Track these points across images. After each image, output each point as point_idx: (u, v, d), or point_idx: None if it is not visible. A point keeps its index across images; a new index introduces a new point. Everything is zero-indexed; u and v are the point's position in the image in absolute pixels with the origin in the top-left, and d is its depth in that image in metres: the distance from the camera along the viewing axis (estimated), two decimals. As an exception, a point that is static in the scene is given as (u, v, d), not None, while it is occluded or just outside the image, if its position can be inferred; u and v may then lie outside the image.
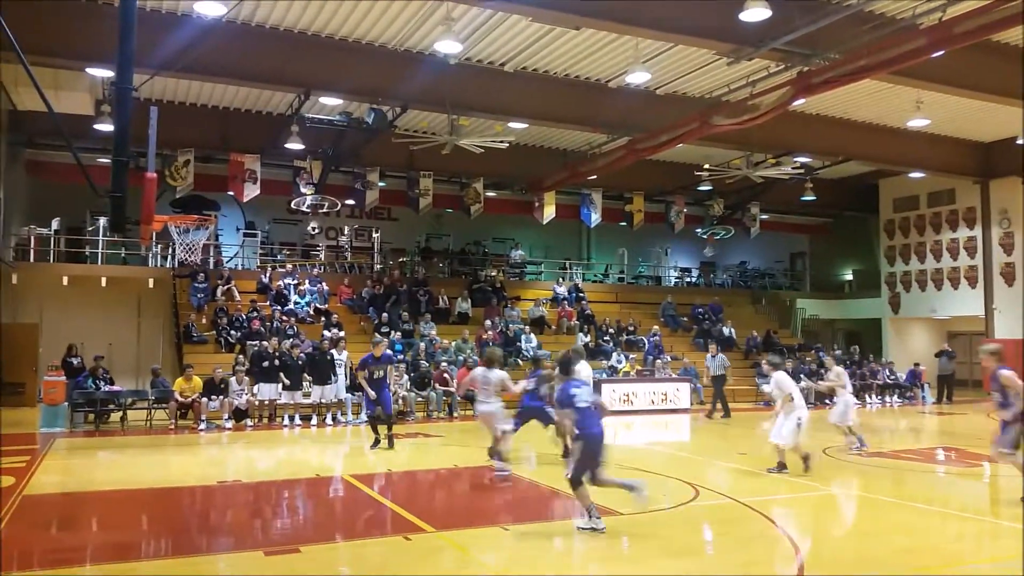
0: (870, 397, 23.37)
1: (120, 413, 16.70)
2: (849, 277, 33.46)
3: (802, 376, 22.16)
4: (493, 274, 26.64)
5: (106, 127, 16.84)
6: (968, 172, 25.65)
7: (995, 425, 9.30)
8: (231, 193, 21.99)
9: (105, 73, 15.41)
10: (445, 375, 19.06)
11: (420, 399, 18.54)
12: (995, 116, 20.63)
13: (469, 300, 24.14)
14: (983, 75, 17.15)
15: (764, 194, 27.10)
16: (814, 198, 26.91)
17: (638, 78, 16.61)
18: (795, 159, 23.48)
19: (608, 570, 6.65)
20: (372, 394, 12.96)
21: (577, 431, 7.48)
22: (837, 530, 8.14)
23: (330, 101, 18.63)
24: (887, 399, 23.48)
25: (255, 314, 20.26)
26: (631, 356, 22.86)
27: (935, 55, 14.43)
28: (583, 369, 10.96)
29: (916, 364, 24.81)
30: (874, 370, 24.25)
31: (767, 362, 11.40)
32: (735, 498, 9.01)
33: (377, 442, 13.04)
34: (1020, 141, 21.27)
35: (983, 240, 26.42)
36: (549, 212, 25.58)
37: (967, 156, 25.21)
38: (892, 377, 24.38)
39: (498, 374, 10.60)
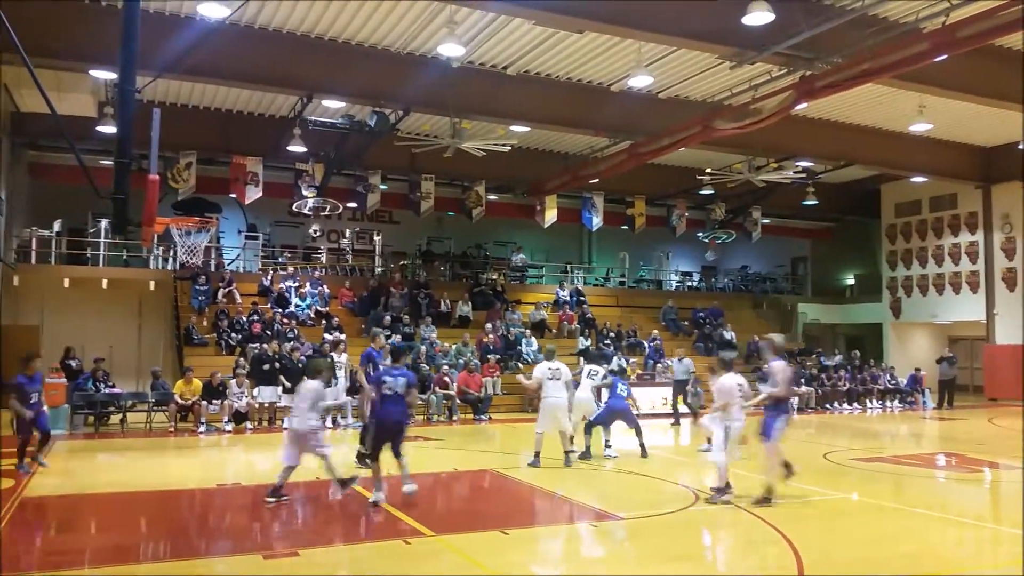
0: (871, 402, 23.33)
1: (120, 415, 16.70)
2: (851, 282, 33.41)
3: (802, 381, 22.23)
4: (494, 277, 26.64)
5: (109, 129, 16.88)
6: (970, 177, 25.63)
7: (995, 430, 9.26)
8: (233, 195, 22.00)
9: (108, 75, 15.42)
10: (445, 378, 19.04)
11: (420, 402, 18.51)
12: (997, 121, 20.62)
13: (470, 303, 24.13)
14: (985, 80, 17.15)
15: (766, 198, 27.09)
16: (816, 202, 26.91)
17: (640, 82, 16.61)
18: (797, 163, 23.48)
19: (608, 573, 6.62)
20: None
21: (371, 414, 8.67)
22: (837, 535, 8.11)
23: (332, 104, 18.64)
24: (888, 404, 23.42)
25: (256, 317, 20.25)
26: (632, 360, 22.84)
27: (938, 59, 14.44)
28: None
29: (917, 369, 24.77)
30: (875, 375, 24.21)
31: (718, 362, 9.80)
32: (735, 503, 8.98)
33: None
34: (1022, 146, 21.24)
35: (985, 245, 26.39)
36: (551, 215, 25.57)
37: (969, 161, 25.19)
38: (893, 382, 24.34)
39: (567, 369, 11.52)
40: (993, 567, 7.11)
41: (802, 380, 22.24)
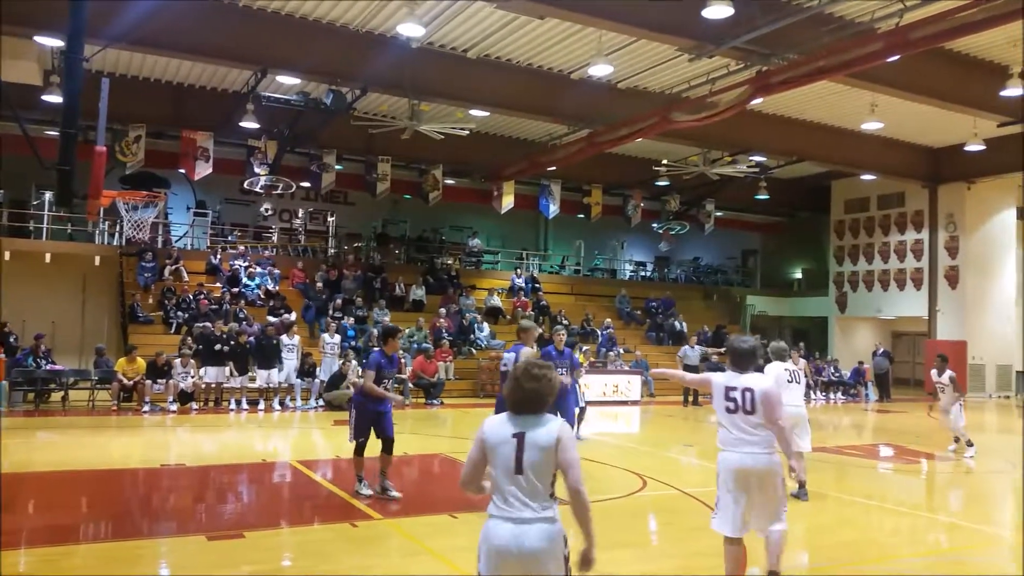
0: (815, 394, 23.86)
1: (61, 393, 16.27)
2: (798, 275, 34.10)
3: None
4: (449, 262, 26.54)
5: (54, 98, 16.34)
6: (918, 176, 26.28)
7: (933, 423, 9.54)
8: (182, 171, 21.51)
9: (55, 43, 14.89)
10: (400, 362, 18.93)
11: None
12: (945, 122, 21.13)
13: (424, 287, 24.01)
14: (936, 82, 17.57)
15: (720, 191, 27.43)
16: (768, 197, 27.34)
17: (600, 71, 16.64)
18: (751, 158, 23.80)
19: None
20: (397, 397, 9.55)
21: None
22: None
23: (288, 80, 18.29)
24: (831, 396, 23.99)
25: (203, 296, 19.88)
26: (585, 348, 22.97)
27: (891, 60, 14.73)
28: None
29: (860, 362, 25.39)
30: (819, 367, 24.75)
31: (774, 351, 9.15)
32: (681, 489, 9.11)
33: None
34: (967, 148, 21.83)
35: (930, 243, 27.12)
36: (508, 202, 25.54)
37: (917, 161, 25.82)
38: (837, 375, 24.92)
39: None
40: (927, 555, 7.33)
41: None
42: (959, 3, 12.83)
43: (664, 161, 23.89)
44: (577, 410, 12.69)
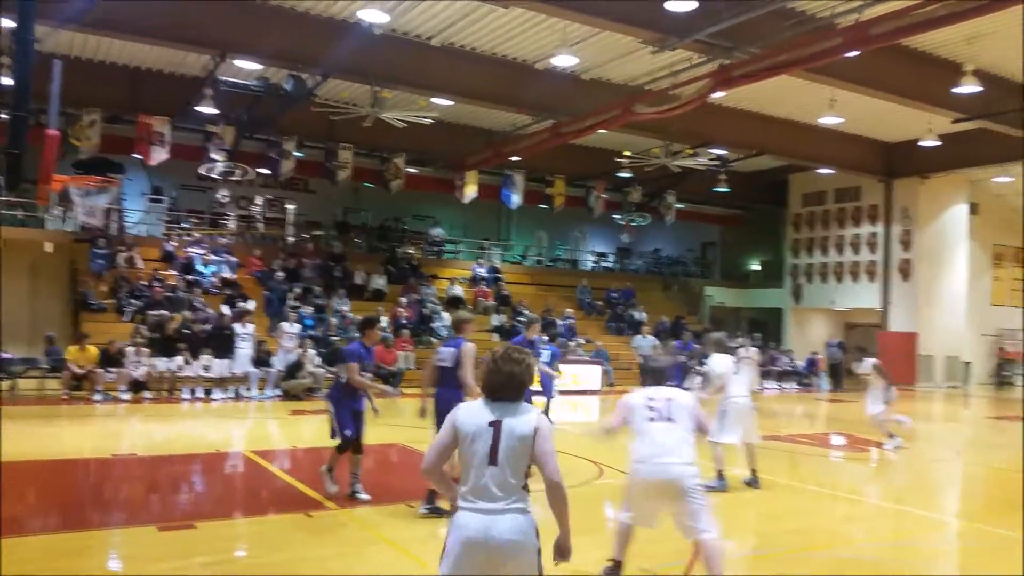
0: (770, 383, 24.24)
1: (10, 382, 15.90)
2: (756, 267, 34.57)
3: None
4: (411, 251, 26.41)
5: (4, 80, 15.83)
6: (874, 171, 26.74)
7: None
8: (138, 156, 21.05)
9: (5, 22, 14.43)
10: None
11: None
12: (901, 118, 21.48)
13: (385, 277, 23.86)
14: (893, 78, 17.85)
15: (680, 184, 27.64)
16: (727, 190, 27.62)
17: (564, 61, 16.63)
18: (711, 151, 24.00)
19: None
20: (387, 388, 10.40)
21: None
22: (733, 511, 8.39)
23: (247, 65, 17.98)
24: (785, 385, 24.38)
25: (158, 283, 19.54)
26: (545, 338, 23.03)
27: (850, 55, 14.94)
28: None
29: (814, 353, 25.87)
30: (774, 357, 25.16)
31: (713, 344, 9.67)
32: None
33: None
34: (922, 143, 22.25)
35: (884, 236, 27.64)
36: (470, 191, 25.44)
37: (874, 155, 26.26)
38: (791, 364, 25.35)
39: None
40: (875, 541, 7.50)
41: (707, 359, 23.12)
42: (916, 0, 13.05)
43: (626, 153, 23.97)
44: (546, 400, 12.80)
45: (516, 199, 26.18)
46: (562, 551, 3.54)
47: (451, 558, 3.44)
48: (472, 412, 3.56)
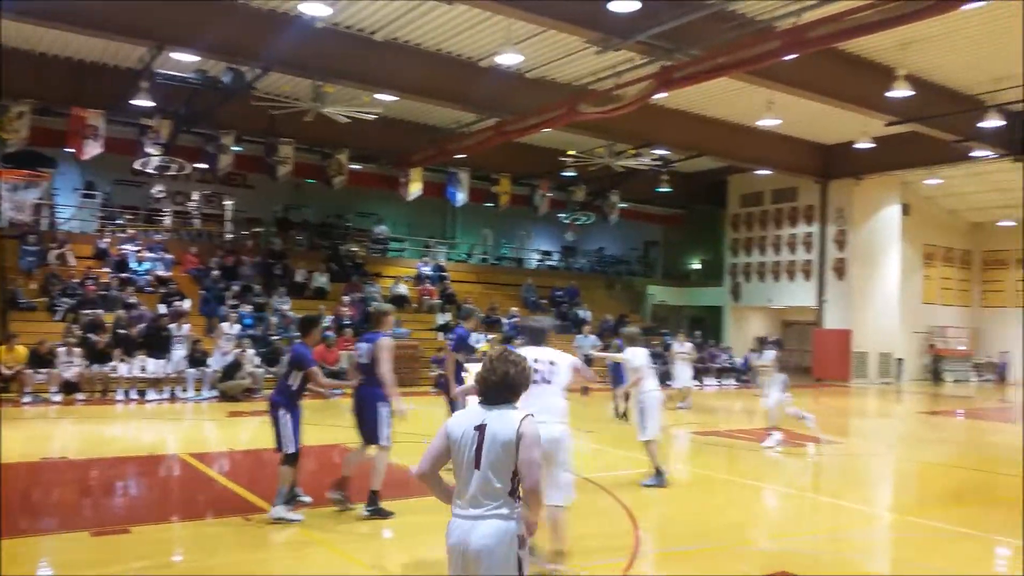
0: (709, 379, 24.65)
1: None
2: (697, 266, 35.15)
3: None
4: (354, 249, 26.11)
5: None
6: (810, 172, 27.39)
7: (820, 408, 9.92)
8: (70, 150, 20.36)
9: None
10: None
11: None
12: (837, 120, 22.03)
13: (327, 275, 23.54)
14: (829, 81, 18.30)
15: (624, 183, 27.90)
16: (669, 190, 28.00)
17: (509, 60, 16.62)
18: (654, 151, 24.28)
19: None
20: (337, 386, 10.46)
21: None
22: (673, 505, 8.51)
23: (184, 57, 17.52)
24: (724, 382, 24.82)
25: (91, 281, 18.94)
26: (490, 337, 23.03)
27: (788, 58, 15.26)
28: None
29: (752, 350, 26.37)
30: (714, 354, 25.60)
31: (627, 338, 10.12)
32: (578, 473, 9.23)
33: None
34: (856, 146, 22.86)
35: (819, 236, 28.34)
36: (415, 189, 25.26)
37: (810, 157, 26.90)
38: (730, 361, 25.83)
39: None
40: (812, 533, 7.68)
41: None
42: (853, 4, 13.39)
43: (571, 152, 24.11)
44: None
45: (461, 197, 26.10)
46: (527, 526, 3.47)
47: (449, 564, 3.45)
48: (463, 416, 3.52)
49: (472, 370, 5.74)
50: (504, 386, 3.47)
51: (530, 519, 3.46)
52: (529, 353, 5.42)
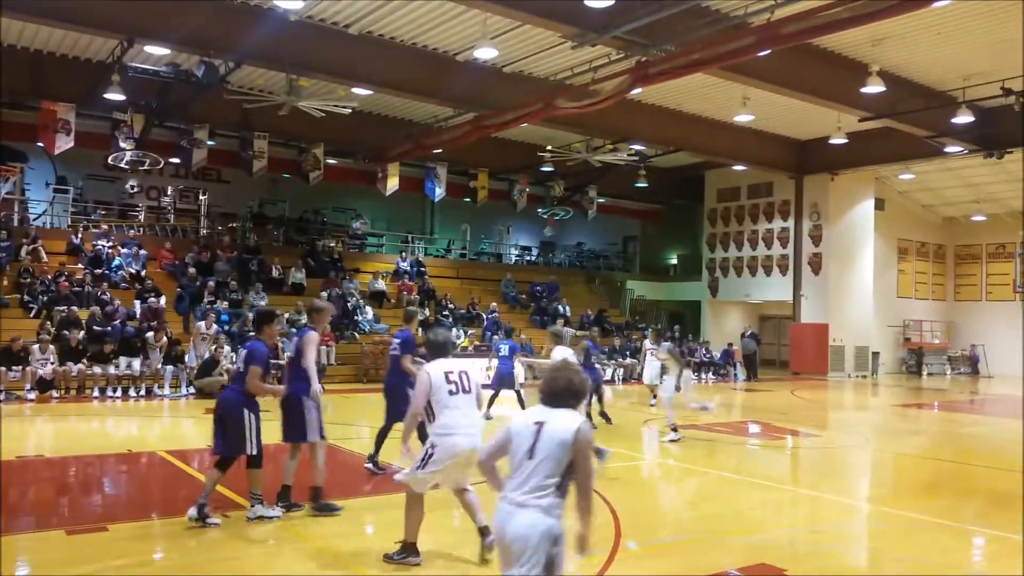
0: (686, 373, 24.80)
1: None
2: (674, 261, 35.35)
3: (627, 353, 23.73)
4: (332, 244, 25.96)
5: None
6: (786, 167, 27.62)
7: (797, 401, 10.02)
8: (41, 144, 20.06)
9: None
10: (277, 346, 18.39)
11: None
12: (812, 116, 22.25)
13: (304, 270, 23.39)
14: (803, 77, 18.45)
15: (602, 178, 27.98)
16: (647, 185, 28.12)
17: (486, 54, 16.58)
18: (631, 146, 24.37)
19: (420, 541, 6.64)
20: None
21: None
22: (653, 498, 8.56)
23: (156, 50, 17.30)
24: (702, 376, 25.00)
25: (64, 277, 18.69)
26: (470, 332, 23.05)
27: (762, 54, 15.36)
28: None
29: (730, 344, 26.60)
30: (692, 349, 25.77)
31: (551, 336, 10.59)
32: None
33: None
34: (831, 141, 23.08)
35: (795, 231, 28.58)
36: (392, 184, 25.17)
37: (785, 152, 27.12)
38: (708, 356, 26.01)
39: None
40: (789, 526, 7.75)
41: (627, 352, 23.91)
42: (825, 1, 13.50)
43: (549, 147, 24.14)
44: (491, 393, 12.87)
45: (439, 192, 26.05)
46: (582, 541, 3.63)
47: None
48: (525, 415, 3.80)
49: (434, 369, 5.76)
50: (568, 392, 3.77)
51: (583, 532, 3.63)
52: (440, 367, 5.76)
